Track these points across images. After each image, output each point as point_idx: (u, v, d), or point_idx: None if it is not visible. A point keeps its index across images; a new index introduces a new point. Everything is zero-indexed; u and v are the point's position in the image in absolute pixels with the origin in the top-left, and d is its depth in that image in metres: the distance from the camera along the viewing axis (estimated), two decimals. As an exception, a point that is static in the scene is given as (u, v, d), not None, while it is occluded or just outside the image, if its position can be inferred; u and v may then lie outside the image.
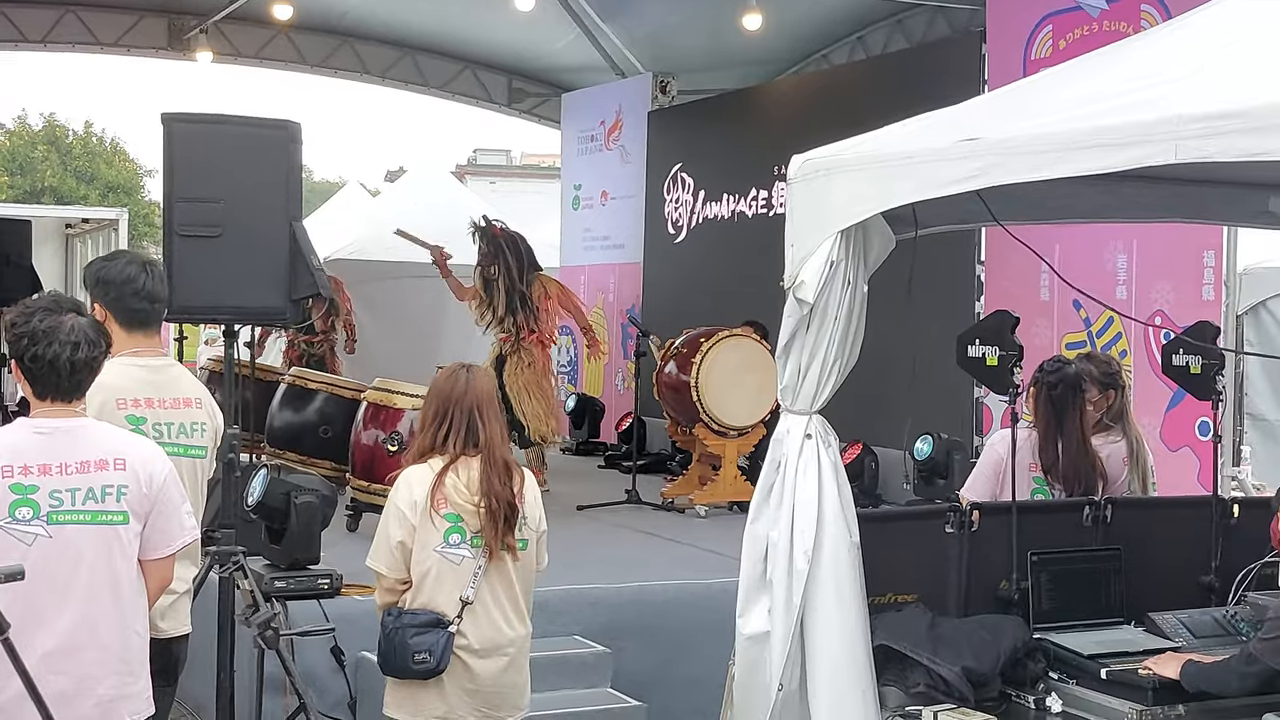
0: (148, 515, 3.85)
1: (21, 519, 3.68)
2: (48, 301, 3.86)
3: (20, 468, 3.70)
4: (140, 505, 3.83)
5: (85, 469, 3.76)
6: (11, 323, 3.83)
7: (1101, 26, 8.87)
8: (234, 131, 5.21)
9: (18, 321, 3.80)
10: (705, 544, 8.17)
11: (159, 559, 3.92)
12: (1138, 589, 4.73)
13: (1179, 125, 3.25)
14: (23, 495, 3.69)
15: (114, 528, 3.79)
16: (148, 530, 3.86)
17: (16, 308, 3.89)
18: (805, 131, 5.90)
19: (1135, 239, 8.53)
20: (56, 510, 3.72)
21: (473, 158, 51.20)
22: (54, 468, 3.73)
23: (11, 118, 49.32)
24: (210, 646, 5.26)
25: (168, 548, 3.94)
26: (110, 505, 3.78)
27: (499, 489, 4.55)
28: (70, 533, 3.73)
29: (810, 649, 4.16)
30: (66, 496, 3.73)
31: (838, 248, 4.09)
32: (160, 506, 3.88)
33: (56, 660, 3.66)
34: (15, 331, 3.78)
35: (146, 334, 4.67)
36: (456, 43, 15.39)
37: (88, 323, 3.82)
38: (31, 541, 3.68)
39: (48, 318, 3.77)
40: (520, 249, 10.47)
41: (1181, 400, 7.92)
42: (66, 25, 14.45)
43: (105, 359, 3.89)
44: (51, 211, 21.92)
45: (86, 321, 3.82)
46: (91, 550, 3.75)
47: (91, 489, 3.76)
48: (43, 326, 3.75)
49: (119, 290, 4.61)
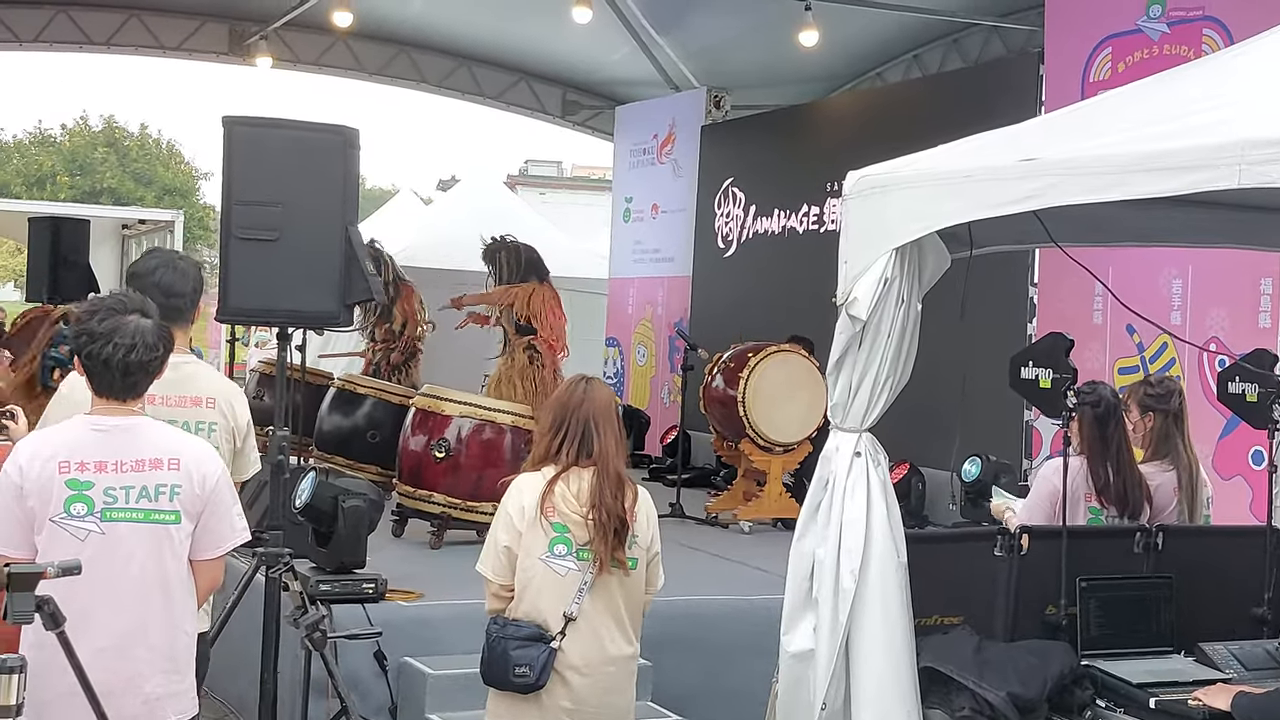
0: (200, 515, 3.87)
1: (76, 515, 3.72)
2: (114, 301, 3.90)
3: (77, 464, 3.74)
4: (193, 505, 3.85)
5: (140, 467, 3.79)
6: (77, 319, 3.89)
7: (1162, 50, 8.80)
8: (293, 136, 5.23)
9: (82, 318, 3.85)
10: (749, 560, 8.15)
11: (209, 559, 3.94)
12: (1188, 618, 4.67)
13: (1243, 150, 3.22)
14: (78, 491, 3.73)
15: (165, 527, 3.81)
16: (199, 530, 3.88)
17: (86, 304, 3.94)
18: (858, 149, 5.89)
19: (1191, 264, 8.44)
20: (110, 507, 3.75)
21: (524, 168, 51.38)
22: (109, 465, 3.76)
23: (73, 119, 49.92)
24: (255, 647, 5.29)
25: (218, 548, 3.95)
26: (163, 504, 3.80)
27: (610, 502, 4.47)
28: (123, 530, 3.76)
29: (855, 669, 4.13)
30: (120, 494, 3.76)
31: (892, 265, 4.07)
32: (212, 507, 3.89)
33: (105, 657, 3.67)
34: (77, 328, 3.84)
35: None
36: (512, 54, 15.46)
37: (150, 325, 3.84)
38: (85, 537, 3.72)
39: (109, 318, 3.81)
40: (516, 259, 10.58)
41: (1235, 428, 7.83)
42: (130, 29, 14.63)
43: (164, 362, 3.90)
44: (109, 212, 22.14)
45: (149, 324, 3.84)
46: (143, 548, 3.78)
47: (145, 487, 3.79)
48: (101, 327, 3.79)
49: (139, 285, 4.60)
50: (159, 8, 14.46)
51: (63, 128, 49.36)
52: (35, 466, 3.74)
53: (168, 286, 4.61)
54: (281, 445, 5.26)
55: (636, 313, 14.70)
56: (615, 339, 15.05)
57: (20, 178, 45.88)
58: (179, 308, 4.64)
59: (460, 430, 8.06)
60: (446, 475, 7.96)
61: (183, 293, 4.66)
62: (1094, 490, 5.35)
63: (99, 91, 72.91)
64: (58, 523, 3.71)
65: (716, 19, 12.95)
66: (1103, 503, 5.34)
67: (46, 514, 3.72)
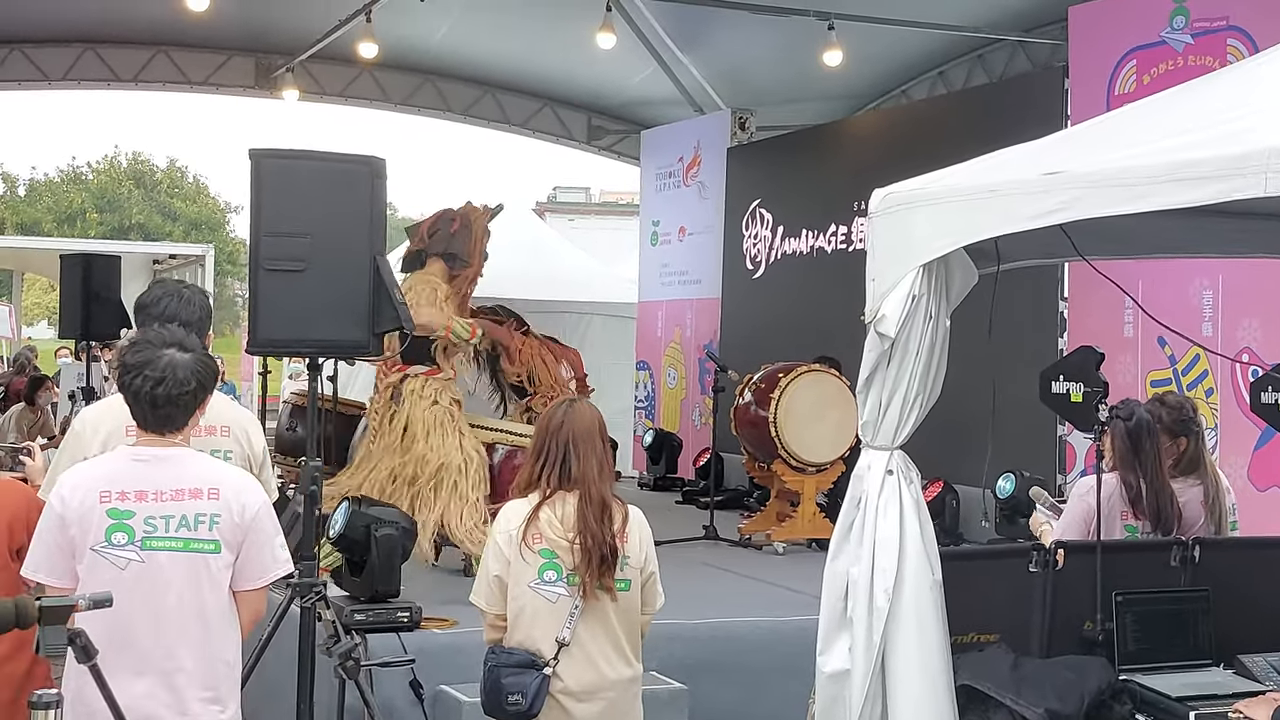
0: (240, 545, 3.88)
1: (117, 544, 3.76)
2: (154, 335, 3.95)
3: (118, 493, 3.78)
4: (233, 535, 3.86)
5: (180, 497, 3.82)
6: (120, 350, 3.94)
7: (1187, 61, 8.78)
8: (320, 167, 5.27)
9: (123, 350, 3.94)
10: (783, 581, 8.12)
11: (251, 590, 3.95)
12: (1226, 631, 4.64)
13: (1269, 158, 3.20)
14: (119, 520, 3.77)
15: (204, 556, 3.83)
16: (240, 561, 3.89)
17: (133, 336, 3.99)
18: (885, 167, 5.89)
19: (1221, 275, 8.40)
20: (150, 536, 3.78)
21: (552, 195, 51.61)
22: (150, 494, 3.80)
23: (101, 156, 50.39)
24: (290, 676, 5.29)
25: (260, 579, 3.96)
26: (202, 534, 3.83)
27: (594, 527, 4.43)
28: (162, 559, 3.79)
29: (891, 688, 4.11)
30: (160, 523, 3.79)
31: (920, 282, 4.06)
32: (253, 537, 3.90)
33: (145, 685, 3.70)
34: (119, 361, 3.93)
35: None
36: (537, 81, 15.53)
37: (185, 360, 3.87)
38: (125, 566, 3.75)
39: (144, 350, 3.86)
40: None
41: (1271, 439, 7.78)
42: (158, 65, 14.77)
43: (201, 397, 3.92)
44: (140, 248, 22.37)
45: (185, 358, 3.87)
46: (181, 578, 3.80)
47: (185, 517, 3.81)
48: (135, 360, 3.84)
49: (142, 315, 4.68)
50: (186, 43, 14.60)
51: (90, 165, 49.86)
52: (77, 496, 3.78)
53: (173, 315, 4.65)
54: (314, 476, 5.27)
55: (666, 335, 14.71)
56: (646, 362, 15.06)
57: (51, 215, 46.33)
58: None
59: (493, 458, 8.07)
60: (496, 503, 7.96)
61: (189, 321, 4.68)
62: (1128, 504, 5.32)
63: (130, 127, 73.62)
64: (99, 551, 3.75)
65: (739, 40, 12.98)
66: (1137, 516, 5.31)
67: (88, 543, 3.75)
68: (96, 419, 4.47)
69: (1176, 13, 8.93)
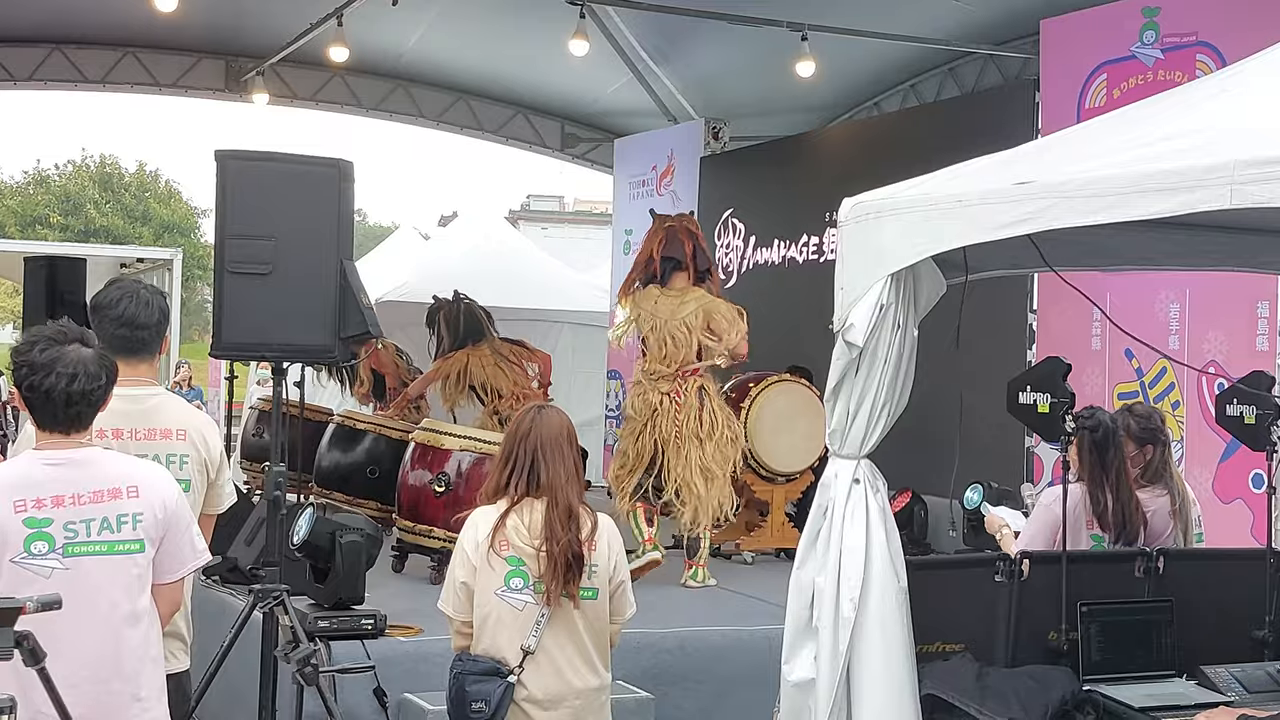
0: (161, 540, 3.80)
1: (38, 553, 3.63)
2: (53, 331, 3.79)
3: (34, 501, 3.64)
4: (155, 531, 3.78)
5: (99, 499, 3.70)
6: (14, 350, 3.79)
7: (1156, 76, 8.83)
8: (286, 169, 5.23)
9: (20, 349, 3.75)
10: (751, 591, 8.11)
11: (170, 582, 3.87)
12: (1189, 642, 4.65)
13: (1235, 170, 3.21)
14: (38, 529, 3.63)
15: (130, 556, 3.74)
16: (160, 554, 3.81)
17: (25, 335, 3.85)
18: (857, 178, 5.88)
19: (1188, 288, 8.45)
20: (72, 542, 3.66)
21: (526, 204, 51.55)
22: (67, 499, 3.67)
23: (67, 159, 50.11)
24: (253, 685, 5.25)
25: (179, 571, 3.89)
26: (126, 534, 3.73)
27: (561, 534, 4.40)
28: (87, 564, 3.68)
29: (856, 697, 4.11)
30: (81, 528, 3.67)
31: (888, 291, 4.07)
32: (172, 531, 3.82)
33: (75, 691, 3.58)
34: (16, 359, 3.73)
35: (127, 361, 4.37)
36: (510, 87, 15.50)
37: (91, 354, 3.75)
38: (49, 575, 3.62)
39: (49, 348, 3.71)
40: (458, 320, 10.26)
41: (1235, 452, 7.82)
42: (126, 67, 14.67)
43: (108, 392, 3.80)
44: (107, 251, 22.15)
45: (90, 353, 3.75)
46: (108, 581, 3.71)
47: (106, 519, 3.70)
48: (42, 358, 3.69)
49: (100, 316, 4.52)
50: (154, 45, 14.50)
51: (56, 167, 49.56)
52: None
53: (131, 318, 4.50)
54: (278, 481, 5.24)
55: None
56: (617, 371, 15.04)
57: (14, 218, 46.00)
58: (144, 339, 4.53)
59: (460, 464, 8.04)
60: (446, 509, 7.93)
61: (147, 324, 4.54)
62: (1092, 513, 5.34)
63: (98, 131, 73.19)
64: (19, 563, 3.61)
65: (713, 50, 13.00)
66: (1101, 527, 5.33)
67: (6, 556, 3.61)
68: None
69: (1146, 28, 8.98)
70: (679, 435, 8.16)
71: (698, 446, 8.14)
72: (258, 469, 10.50)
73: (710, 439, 8.17)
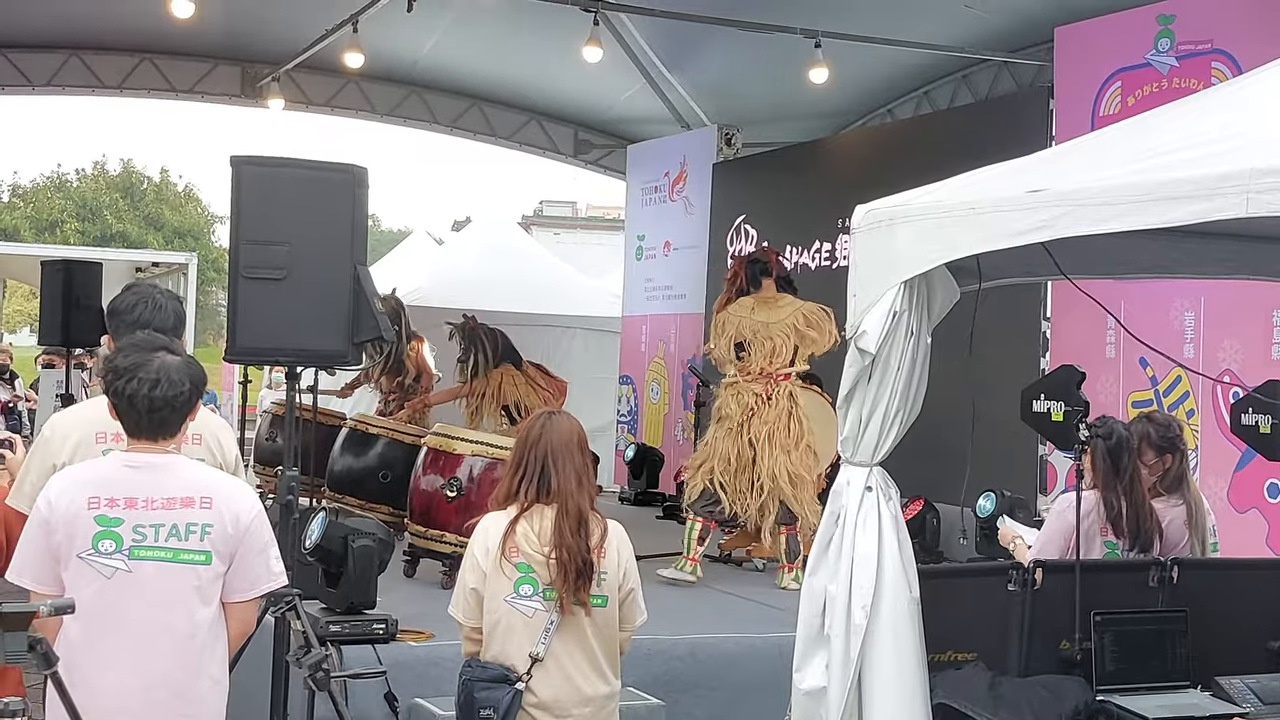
0: (232, 556, 3.77)
1: (104, 551, 3.66)
2: (141, 340, 3.88)
3: (107, 500, 3.68)
4: (225, 546, 3.75)
5: (171, 505, 3.71)
6: (106, 358, 3.88)
7: (1171, 83, 8.81)
8: (301, 175, 5.24)
9: (111, 357, 3.84)
10: (762, 598, 8.10)
11: (241, 602, 3.84)
12: (1204, 652, 4.63)
13: (1251, 179, 3.20)
14: (107, 528, 3.66)
15: (194, 567, 3.72)
16: (231, 572, 3.78)
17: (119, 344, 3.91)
18: (869, 185, 5.88)
19: (1203, 296, 8.42)
20: (139, 545, 3.68)
21: (539, 209, 51.62)
22: (140, 502, 3.69)
23: (91, 163, 50.26)
24: (264, 690, 5.26)
25: (251, 590, 3.85)
26: (193, 544, 3.72)
27: (570, 541, 4.38)
28: (150, 569, 3.68)
29: (868, 706, 4.09)
30: (150, 532, 3.68)
31: (901, 298, 4.06)
32: (246, 548, 3.79)
33: (126, 697, 3.61)
34: (106, 366, 3.81)
35: None
36: (524, 94, 15.52)
37: (176, 363, 3.79)
38: (111, 575, 3.65)
39: (133, 354, 3.77)
40: (496, 341, 10.63)
41: (1250, 461, 7.79)
42: (143, 72, 14.72)
43: (195, 400, 3.84)
44: (122, 255, 22.24)
45: (175, 361, 3.79)
46: (167, 589, 3.70)
47: (175, 526, 3.71)
48: (125, 364, 3.75)
49: (116, 320, 4.57)
50: (171, 50, 14.54)
51: (77, 172, 49.73)
52: (64, 501, 3.68)
53: (147, 323, 4.55)
54: (291, 485, 5.24)
55: (650, 350, 14.70)
56: (629, 376, 15.04)
57: (30, 223, 46.16)
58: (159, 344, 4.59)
59: (472, 469, 8.03)
60: (458, 515, 7.92)
61: (163, 328, 4.57)
62: (1108, 523, 5.31)
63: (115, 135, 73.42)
64: (85, 559, 3.65)
65: (726, 57, 13.00)
66: (1116, 535, 5.31)
67: (74, 549, 3.65)
68: (67, 426, 4.41)
69: (1161, 35, 8.96)
70: (770, 437, 8.43)
71: (785, 453, 8.43)
72: (271, 473, 10.51)
73: (798, 446, 8.46)
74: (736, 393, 8.59)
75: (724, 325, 8.71)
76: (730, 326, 8.67)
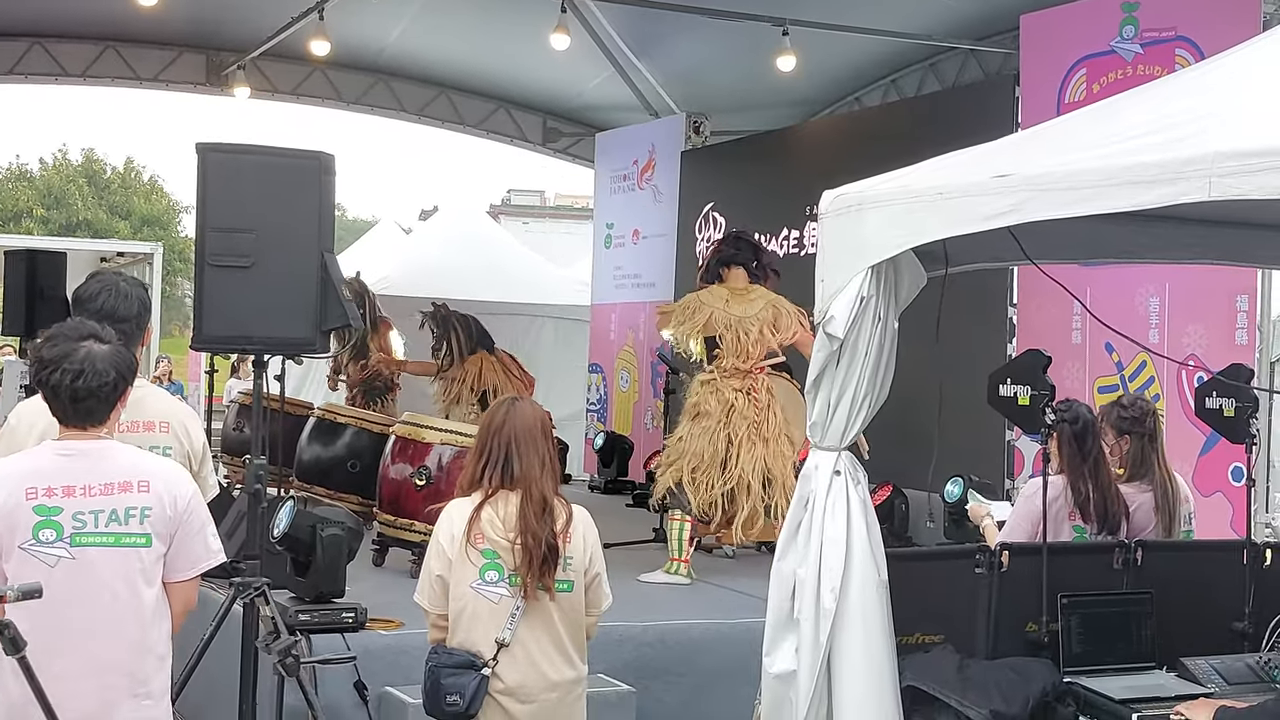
0: (172, 537, 3.83)
1: (45, 541, 3.67)
2: (68, 328, 3.85)
3: (44, 489, 3.69)
4: (165, 527, 3.81)
5: (109, 490, 3.74)
6: (34, 346, 3.85)
7: (1136, 70, 8.86)
8: (267, 162, 5.22)
9: (38, 346, 3.82)
10: (732, 584, 8.12)
11: (182, 581, 3.90)
12: (1169, 634, 4.67)
13: (1214, 162, 3.22)
14: (46, 517, 3.68)
15: (136, 550, 3.77)
16: (171, 552, 3.84)
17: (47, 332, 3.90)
18: (837, 172, 5.90)
19: (1167, 282, 8.48)
20: (79, 532, 3.70)
21: (507, 198, 51.51)
22: (77, 489, 3.71)
23: (51, 152, 49.88)
24: (233, 677, 5.24)
25: (192, 570, 3.91)
26: (133, 527, 3.76)
27: (535, 526, 4.40)
28: (93, 555, 3.71)
29: (837, 689, 4.12)
30: (89, 518, 3.71)
31: (868, 283, 4.07)
32: (185, 528, 3.85)
33: (78, 682, 3.63)
34: (33, 355, 3.84)
35: None
36: (491, 82, 15.48)
37: (102, 352, 3.78)
38: (54, 563, 3.67)
39: (60, 344, 3.77)
40: (469, 326, 10.69)
41: (1215, 445, 7.85)
42: (107, 60, 14.60)
43: (122, 388, 3.83)
44: (87, 245, 22.12)
45: (102, 350, 3.79)
46: (114, 573, 3.73)
47: (115, 511, 3.74)
48: (51, 355, 3.75)
49: (80, 309, 4.55)
50: (135, 38, 14.43)
51: (41, 162, 49.35)
52: (2, 494, 3.69)
53: (111, 311, 4.53)
54: (258, 474, 5.23)
55: (619, 339, 14.70)
56: (599, 365, 15.04)
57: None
58: (125, 332, 4.49)
59: (441, 458, 8.02)
60: (427, 503, 7.91)
61: (127, 317, 4.57)
62: (1075, 507, 5.35)
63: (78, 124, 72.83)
64: (26, 550, 3.66)
65: (694, 45, 12.99)
66: (1084, 519, 5.35)
67: (15, 541, 3.66)
68: (32, 415, 4.38)
69: (1126, 22, 9.01)
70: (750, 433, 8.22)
71: (763, 446, 8.19)
72: (238, 463, 10.48)
73: (777, 439, 8.25)
74: (714, 389, 8.35)
75: (693, 312, 8.43)
76: (701, 316, 8.40)
